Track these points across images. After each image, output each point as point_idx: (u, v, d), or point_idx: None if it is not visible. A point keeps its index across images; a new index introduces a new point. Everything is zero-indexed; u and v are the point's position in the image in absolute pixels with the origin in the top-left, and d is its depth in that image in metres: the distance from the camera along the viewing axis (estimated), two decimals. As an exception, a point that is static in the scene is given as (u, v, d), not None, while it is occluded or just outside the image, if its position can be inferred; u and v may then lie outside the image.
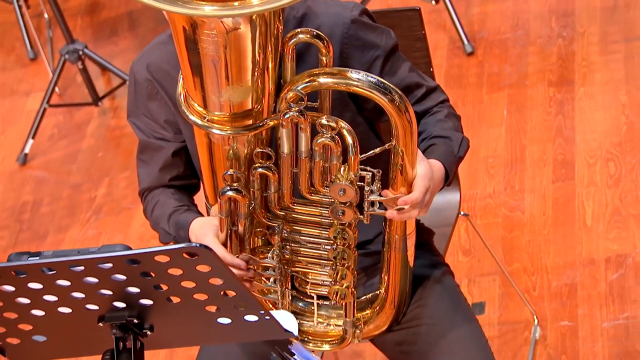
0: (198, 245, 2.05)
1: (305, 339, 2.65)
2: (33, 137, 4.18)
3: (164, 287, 2.15)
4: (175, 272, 2.09)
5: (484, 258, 3.29)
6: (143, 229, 3.89)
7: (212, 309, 2.19)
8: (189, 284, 2.11)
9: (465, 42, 3.89)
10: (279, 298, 2.53)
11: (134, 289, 2.14)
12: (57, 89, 4.32)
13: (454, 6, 3.92)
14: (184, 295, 2.15)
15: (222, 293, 2.16)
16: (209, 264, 2.07)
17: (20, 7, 4.65)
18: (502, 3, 4.09)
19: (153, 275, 2.11)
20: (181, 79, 2.36)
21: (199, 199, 2.62)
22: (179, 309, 2.20)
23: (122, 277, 2.10)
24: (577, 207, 3.29)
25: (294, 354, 2.28)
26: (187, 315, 2.22)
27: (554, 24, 3.92)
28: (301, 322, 2.60)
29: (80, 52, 4.15)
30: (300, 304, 2.65)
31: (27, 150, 4.20)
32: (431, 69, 3.01)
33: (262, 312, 2.16)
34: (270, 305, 2.60)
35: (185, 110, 2.33)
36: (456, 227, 2.91)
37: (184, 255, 2.04)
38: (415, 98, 2.41)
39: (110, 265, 2.08)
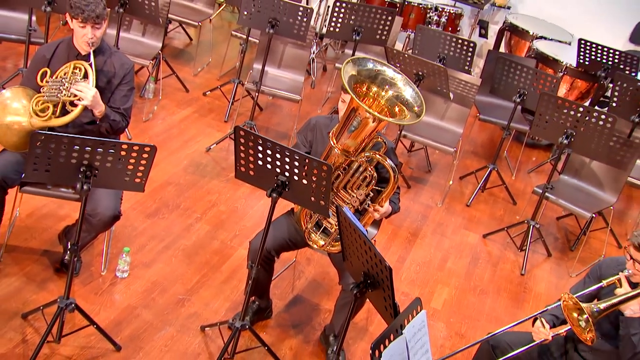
0: (326, 164, 2.45)
1: (309, 238, 2.90)
2: (207, 152, 4.51)
3: (305, 174, 2.55)
4: (312, 171, 2.52)
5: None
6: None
7: (313, 191, 2.57)
8: (313, 177, 2.54)
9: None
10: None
11: (296, 170, 2.56)
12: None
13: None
14: (309, 180, 2.56)
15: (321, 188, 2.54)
16: (325, 174, 2.51)
17: (232, 102, 5.09)
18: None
19: (306, 168, 2.53)
20: (334, 128, 2.69)
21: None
22: (301, 185, 2.59)
23: (296, 163, 2.54)
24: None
25: (345, 211, 2.43)
26: (302, 189, 2.58)
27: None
28: (312, 233, 2.89)
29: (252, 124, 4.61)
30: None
31: (211, 147, 4.53)
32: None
33: (327, 201, 2.56)
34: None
35: (329, 139, 2.74)
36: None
37: (322, 166, 2.51)
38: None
39: (297, 157, 2.52)
